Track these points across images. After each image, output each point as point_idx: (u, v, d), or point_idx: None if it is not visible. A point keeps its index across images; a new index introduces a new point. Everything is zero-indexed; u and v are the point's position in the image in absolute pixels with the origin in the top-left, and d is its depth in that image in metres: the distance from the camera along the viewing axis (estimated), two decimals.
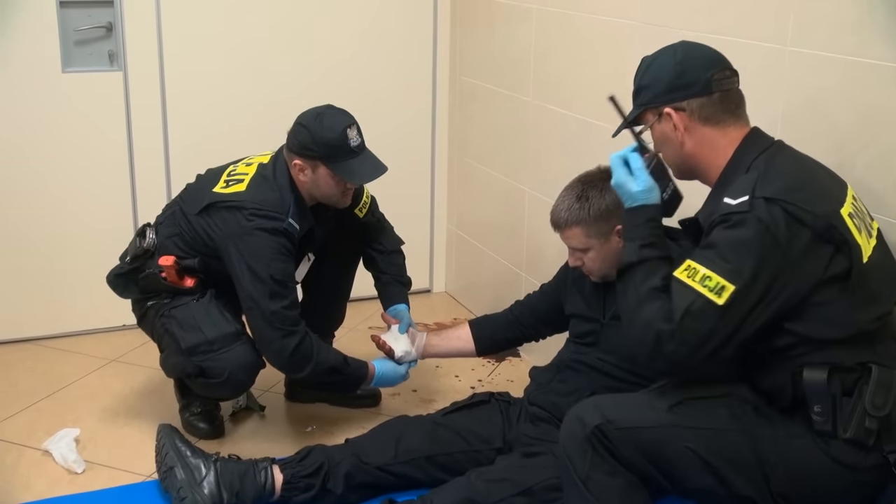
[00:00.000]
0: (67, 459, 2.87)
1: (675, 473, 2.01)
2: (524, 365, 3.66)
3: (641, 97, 2.15)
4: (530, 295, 2.99)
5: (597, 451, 2.02)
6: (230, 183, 2.90)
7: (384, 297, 3.26)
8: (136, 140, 3.72)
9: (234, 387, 2.94)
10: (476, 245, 4.12)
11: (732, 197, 1.94)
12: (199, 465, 2.61)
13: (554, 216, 2.56)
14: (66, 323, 3.81)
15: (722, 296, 1.88)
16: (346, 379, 2.95)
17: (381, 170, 2.89)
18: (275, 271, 2.77)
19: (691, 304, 1.90)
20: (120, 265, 3.05)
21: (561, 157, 3.38)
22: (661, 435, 2.00)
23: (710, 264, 1.90)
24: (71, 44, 3.56)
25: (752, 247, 1.88)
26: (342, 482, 2.63)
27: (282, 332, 2.77)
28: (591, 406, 2.07)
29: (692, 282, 1.91)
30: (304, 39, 3.86)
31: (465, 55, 4.01)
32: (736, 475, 1.97)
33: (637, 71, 2.18)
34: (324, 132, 2.80)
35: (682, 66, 2.08)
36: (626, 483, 2.02)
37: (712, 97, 2.07)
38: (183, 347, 2.84)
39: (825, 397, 1.92)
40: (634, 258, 2.07)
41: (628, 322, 2.04)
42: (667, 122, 2.10)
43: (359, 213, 3.15)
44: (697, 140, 2.09)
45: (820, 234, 1.90)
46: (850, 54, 2.19)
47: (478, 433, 2.73)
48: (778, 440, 1.97)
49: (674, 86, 2.08)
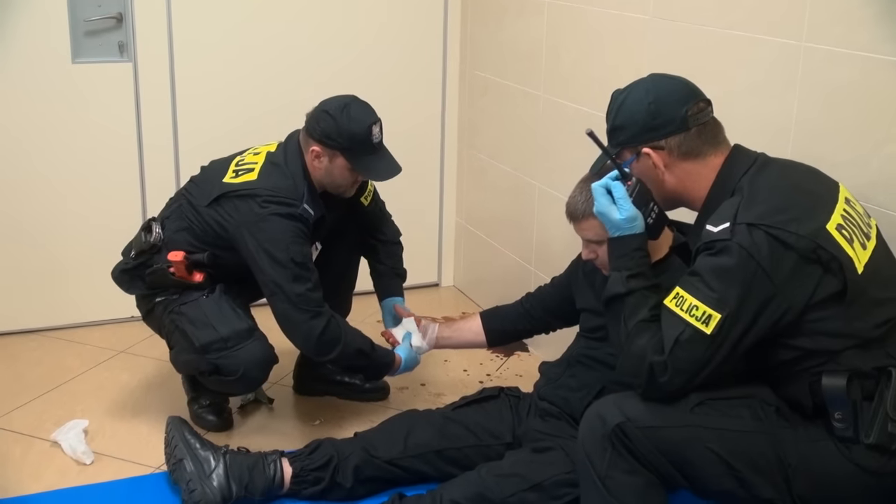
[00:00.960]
0: (76, 451, 2.87)
1: (696, 474, 1.99)
2: (532, 359, 3.66)
3: (617, 137, 2.15)
4: (541, 287, 2.99)
5: (616, 449, 2.01)
6: (240, 173, 2.89)
7: (381, 288, 3.25)
8: (146, 131, 3.72)
9: (249, 383, 2.93)
10: (485, 239, 4.11)
11: (714, 224, 1.95)
12: (208, 458, 2.61)
13: (570, 208, 2.55)
14: (73, 314, 3.81)
15: (709, 325, 1.90)
16: (372, 364, 2.94)
17: (397, 170, 2.89)
18: (295, 254, 2.76)
19: (680, 335, 1.92)
20: (125, 261, 3.03)
21: (572, 151, 3.36)
22: (682, 435, 1.98)
23: (697, 293, 1.92)
24: (80, 34, 3.55)
25: (736, 274, 1.89)
26: (351, 475, 2.63)
27: (309, 313, 2.76)
28: (611, 404, 2.06)
29: (680, 311, 1.93)
30: (316, 32, 3.85)
31: (475, 49, 4.00)
32: (757, 477, 1.95)
33: (609, 109, 2.18)
34: (351, 125, 2.79)
35: (656, 105, 2.08)
36: (646, 483, 2.01)
37: (689, 132, 2.07)
38: (196, 345, 2.82)
39: (845, 404, 1.91)
40: (622, 289, 2.07)
41: (620, 354, 2.05)
42: (645, 160, 2.10)
43: (364, 202, 3.15)
44: (678, 175, 2.10)
45: (806, 256, 1.89)
46: (867, 50, 2.18)
47: (487, 428, 2.73)
48: (800, 443, 1.96)
49: (649, 126, 2.08)
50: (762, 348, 1.96)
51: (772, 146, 2.18)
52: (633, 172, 2.14)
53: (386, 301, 3.21)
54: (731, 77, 2.55)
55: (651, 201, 2.13)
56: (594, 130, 2.14)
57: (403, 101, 3.97)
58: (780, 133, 2.41)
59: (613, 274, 2.11)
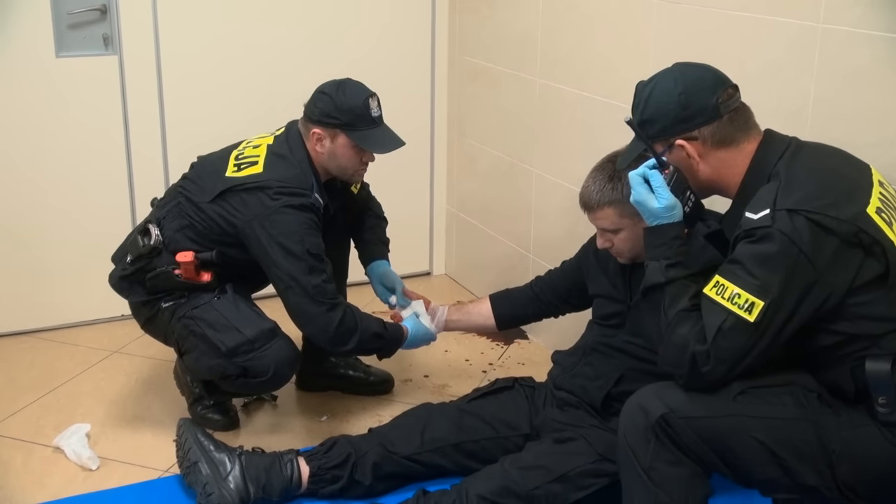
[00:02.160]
0: (81, 456, 2.80)
1: (739, 463, 1.98)
2: (533, 347, 3.64)
3: (647, 130, 2.10)
4: (551, 272, 2.96)
5: (660, 440, 1.98)
6: (242, 166, 2.82)
7: (364, 254, 3.19)
8: (133, 126, 3.63)
9: (278, 383, 2.86)
10: (478, 226, 4.07)
11: (754, 211, 1.93)
12: (223, 460, 2.56)
13: (584, 197, 2.52)
14: (63, 314, 3.73)
15: (753, 313, 1.88)
16: (387, 343, 2.89)
17: (400, 142, 2.85)
18: (310, 246, 2.71)
19: (723, 323, 1.90)
20: (122, 266, 2.94)
21: (571, 137, 3.34)
22: (726, 424, 1.96)
23: (738, 281, 1.90)
24: (64, 27, 3.45)
25: (779, 261, 1.87)
26: (370, 473, 2.60)
27: (326, 305, 2.71)
28: (652, 395, 2.03)
29: (721, 300, 1.91)
30: (302, 21, 3.78)
31: (464, 35, 3.95)
32: (801, 464, 1.94)
33: (635, 102, 2.13)
34: (347, 100, 2.77)
35: (686, 96, 2.04)
36: (690, 473, 1.99)
37: (722, 121, 2.04)
38: (223, 350, 2.74)
39: (889, 388, 1.90)
40: (661, 279, 2.05)
41: (660, 345, 2.04)
42: (678, 152, 2.07)
43: (354, 190, 3.10)
44: (713, 164, 2.07)
45: (847, 240, 1.88)
46: (888, 31, 2.17)
47: (504, 419, 2.70)
48: (843, 429, 1.95)
49: (681, 117, 2.04)
50: (803, 334, 1.95)
51: (787, 131, 2.16)
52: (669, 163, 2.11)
53: (372, 266, 3.15)
54: (743, 61, 2.53)
55: (688, 189, 2.11)
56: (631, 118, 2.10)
57: (392, 88, 3.87)
58: (796, 117, 2.40)
59: (652, 263, 2.08)
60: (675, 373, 1.99)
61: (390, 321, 2.95)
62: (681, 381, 1.99)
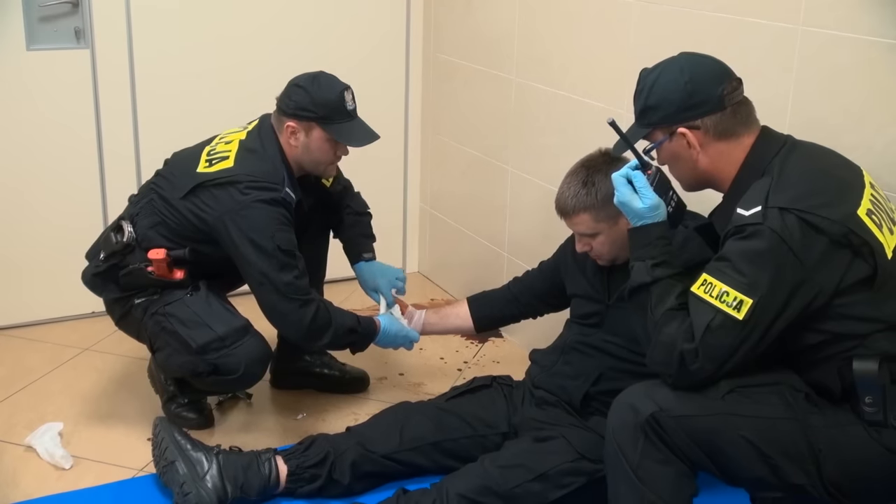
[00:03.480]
0: (54, 455, 2.77)
1: (728, 462, 1.99)
2: (508, 346, 3.65)
3: (649, 117, 2.11)
4: (529, 272, 2.96)
5: (649, 439, 1.99)
6: (213, 162, 2.79)
7: (350, 250, 3.16)
8: (105, 121, 3.59)
9: (249, 380, 2.85)
10: (451, 224, 4.07)
11: (745, 208, 1.94)
12: (200, 459, 2.54)
13: (560, 203, 2.53)
14: (32, 311, 3.67)
15: (741, 310, 1.89)
16: (360, 337, 2.86)
17: (374, 136, 2.83)
18: (281, 242, 2.68)
19: (711, 321, 1.91)
20: (95, 263, 2.91)
21: (547, 135, 3.34)
22: (714, 423, 1.97)
23: (727, 279, 1.91)
24: (35, 20, 3.40)
25: (768, 259, 1.88)
26: (349, 471, 2.58)
27: (298, 302, 2.69)
28: (642, 394, 2.04)
29: (710, 297, 1.92)
30: (276, 14, 3.76)
31: (440, 33, 3.94)
32: (789, 463, 1.95)
33: (639, 89, 2.13)
34: (322, 93, 2.75)
35: (693, 85, 2.05)
36: (678, 472, 2.00)
37: (725, 112, 2.05)
38: (193, 347, 2.72)
39: (876, 388, 1.92)
40: (647, 278, 2.06)
41: (647, 345, 2.04)
42: (679, 140, 2.07)
43: (326, 184, 3.08)
44: (712, 155, 2.08)
45: (836, 241, 1.89)
46: (869, 34, 2.19)
47: (482, 418, 2.70)
48: (830, 428, 1.96)
49: (686, 105, 2.05)
50: (790, 333, 1.96)
51: None
52: (663, 154, 2.12)
53: (358, 264, 3.12)
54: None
55: (671, 189, 2.11)
56: (615, 119, 2.09)
57: (365, 85, 3.82)
58: (775, 119, 2.39)
59: (637, 264, 2.08)
60: (663, 372, 2.00)
61: (363, 315, 2.92)
62: (669, 381, 1.99)
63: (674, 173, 2.18)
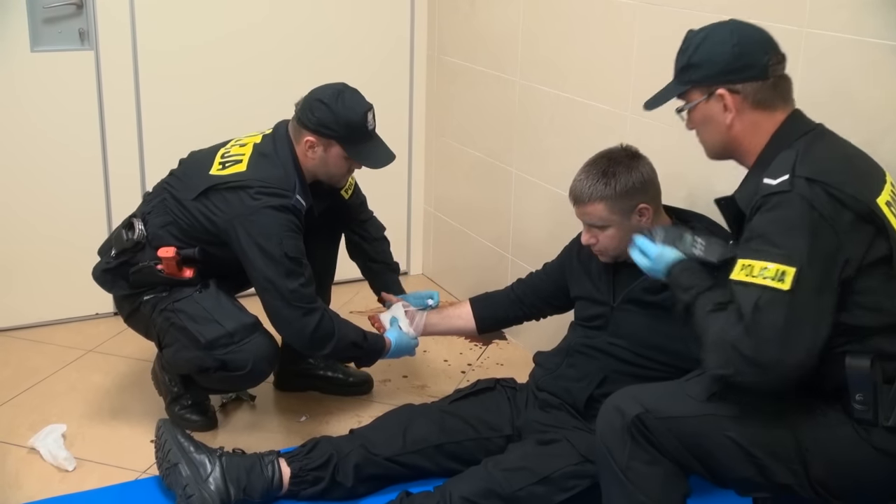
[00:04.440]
0: (57, 457, 2.77)
1: (715, 463, 1.99)
2: (511, 348, 3.64)
3: (690, 74, 2.08)
4: (533, 274, 2.95)
5: (636, 441, 2.00)
6: (227, 164, 2.80)
7: (376, 286, 3.21)
8: (109, 122, 3.59)
9: (257, 378, 2.85)
10: (456, 226, 4.07)
11: (773, 177, 1.91)
12: (203, 461, 2.54)
13: (576, 191, 2.52)
14: (36, 312, 3.67)
15: (785, 281, 1.82)
16: (365, 353, 2.88)
17: (392, 157, 2.85)
18: (288, 248, 2.68)
19: (759, 300, 1.84)
20: (106, 260, 2.92)
21: (551, 137, 3.34)
22: (700, 425, 1.97)
23: (763, 255, 1.86)
24: (39, 22, 3.41)
25: (800, 225, 1.84)
26: (352, 474, 2.58)
27: (302, 310, 2.70)
28: (629, 396, 2.04)
29: (751, 278, 1.86)
30: (281, 17, 3.75)
31: (444, 35, 3.94)
32: (776, 464, 1.95)
33: (683, 47, 2.11)
34: (347, 113, 2.73)
35: (741, 48, 2.03)
36: (666, 472, 2.00)
37: (767, 82, 2.03)
38: (202, 342, 2.73)
39: (867, 385, 1.90)
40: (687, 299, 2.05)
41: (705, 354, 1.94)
42: (716, 102, 2.05)
43: (345, 195, 3.08)
44: (745, 123, 2.05)
45: (862, 216, 1.87)
46: (874, 36, 2.18)
47: (486, 420, 2.70)
48: (818, 427, 1.95)
49: (731, 67, 2.03)
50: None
51: None
52: (695, 115, 2.10)
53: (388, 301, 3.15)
54: None
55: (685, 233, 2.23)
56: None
57: (370, 87, 3.80)
58: None
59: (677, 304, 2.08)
60: (726, 373, 1.89)
61: (370, 332, 2.92)
62: (738, 378, 1.87)
63: (702, 136, 2.14)
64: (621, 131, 2.96)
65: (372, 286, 3.22)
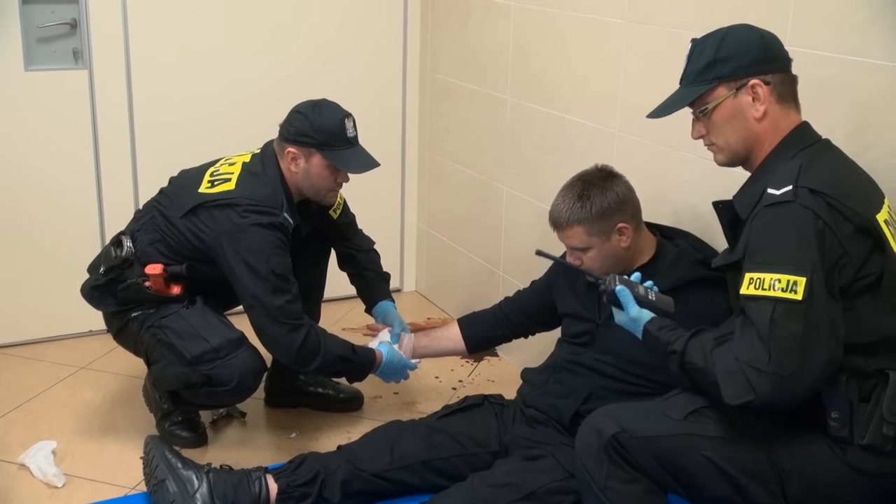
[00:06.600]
0: (47, 473, 2.78)
1: (691, 481, 2.00)
2: (503, 364, 3.65)
3: (718, 70, 2.04)
4: (520, 292, 2.97)
5: (613, 460, 2.01)
6: (216, 183, 2.83)
7: (368, 293, 3.22)
8: (102, 141, 3.61)
9: (243, 393, 2.87)
10: (448, 243, 4.08)
11: (776, 187, 1.90)
12: (190, 477, 2.54)
13: (554, 216, 2.54)
14: (28, 330, 3.68)
15: (798, 291, 1.82)
16: (354, 367, 2.89)
17: (374, 163, 2.86)
18: (275, 266, 2.71)
19: (773, 313, 1.83)
20: (95, 277, 2.94)
21: (541, 155, 3.36)
22: (677, 444, 1.99)
23: (772, 267, 1.85)
24: (34, 41, 3.44)
25: (807, 234, 1.85)
26: (339, 490, 2.58)
27: (288, 326, 2.72)
28: (605, 416, 2.06)
29: (762, 291, 1.85)
30: (273, 37, 3.78)
31: (436, 53, 3.97)
32: (752, 483, 1.96)
33: (700, 48, 2.08)
34: (323, 120, 2.78)
35: (768, 40, 2.04)
36: (644, 490, 2.02)
37: (788, 75, 2.04)
38: (188, 358, 2.75)
39: (843, 403, 1.91)
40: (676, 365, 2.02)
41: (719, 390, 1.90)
42: (746, 95, 2.02)
43: (333, 214, 3.10)
44: (770, 117, 2.02)
45: (861, 229, 1.88)
46: (854, 54, 2.20)
47: (473, 437, 2.70)
48: (794, 446, 1.96)
49: (763, 57, 2.02)
50: None
51: None
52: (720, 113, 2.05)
53: (378, 307, 3.18)
54: None
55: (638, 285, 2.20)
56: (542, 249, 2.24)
57: (363, 105, 3.87)
58: None
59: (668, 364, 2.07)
60: (749, 400, 1.85)
61: (360, 346, 2.94)
62: (761, 400, 1.85)
63: (721, 138, 2.08)
64: (609, 149, 2.98)
65: (362, 294, 3.24)
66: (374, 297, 3.21)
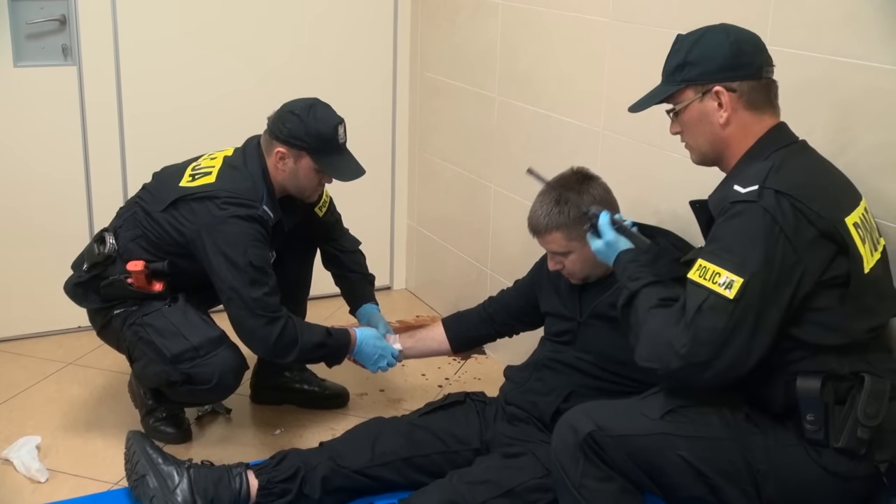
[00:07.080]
0: (30, 468, 2.78)
1: (666, 481, 2.00)
2: (490, 363, 3.65)
3: (686, 72, 2.07)
4: (504, 292, 2.97)
5: (589, 458, 2.02)
6: (196, 177, 2.83)
7: (353, 295, 3.23)
8: (91, 137, 3.62)
9: (223, 391, 2.87)
10: (438, 241, 4.09)
11: (743, 185, 1.92)
12: (171, 473, 2.55)
13: (532, 222, 2.54)
14: (18, 325, 3.69)
15: (732, 289, 1.85)
16: (331, 351, 2.87)
17: (361, 171, 2.86)
18: (253, 258, 2.70)
19: (703, 303, 1.87)
20: (77, 274, 2.95)
21: (529, 153, 3.36)
22: (652, 443, 1.99)
23: (718, 260, 1.89)
24: (23, 37, 3.44)
25: (759, 237, 1.86)
26: (319, 486, 2.58)
27: (265, 318, 2.71)
28: (582, 414, 2.06)
29: (704, 280, 1.89)
30: (263, 34, 3.79)
31: (426, 51, 3.97)
32: (727, 484, 1.97)
33: (676, 48, 2.12)
34: (317, 124, 2.77)
35: (738, 46, 2.04)
36: (619, 489, 2.02)
37: (760, 82, 2.04)
38: (168, 356, 2.75)
39: (818, 406, 1.92)
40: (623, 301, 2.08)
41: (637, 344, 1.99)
42: (711, 100, 2.04)
43: (318, 212, 3.11)
44: (736, 123, 2.04)
45: (825, 233, 1.89)
46: (833, 53, 2.20)
47: (455, 434, 2.70)
48: (769, 449, 1.97)
49: (729, 65, 2.03)
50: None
51: None
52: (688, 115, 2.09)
53: (362, 309, 3.18)
54: None
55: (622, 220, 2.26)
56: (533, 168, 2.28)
57: (353, 104, 3.89)
58: None
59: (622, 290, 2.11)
60: (655, 367, 1.94)
61: (336, 327, 2.93)
62: (664, 373, 1.93)
63: (691, 138, 2.13)
64: (594, 147, 2.98)
65: (347, 296, 3.24)
66: (358, 299, 3.21)
